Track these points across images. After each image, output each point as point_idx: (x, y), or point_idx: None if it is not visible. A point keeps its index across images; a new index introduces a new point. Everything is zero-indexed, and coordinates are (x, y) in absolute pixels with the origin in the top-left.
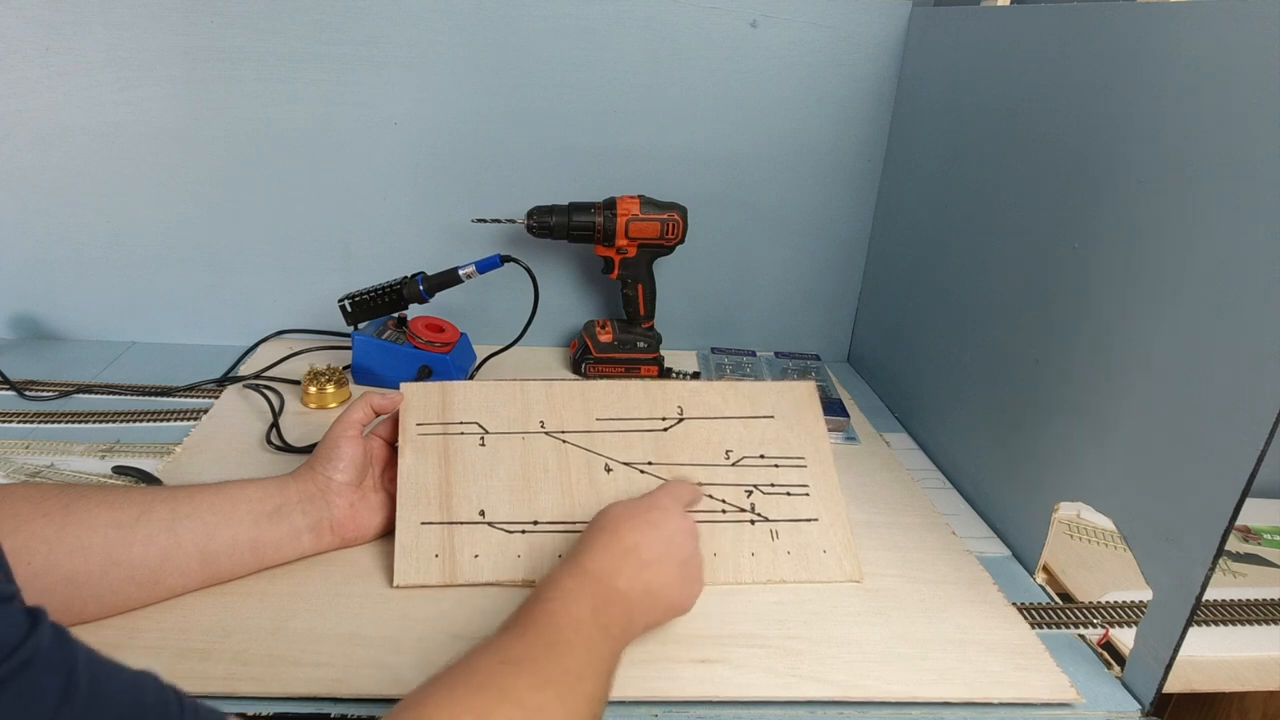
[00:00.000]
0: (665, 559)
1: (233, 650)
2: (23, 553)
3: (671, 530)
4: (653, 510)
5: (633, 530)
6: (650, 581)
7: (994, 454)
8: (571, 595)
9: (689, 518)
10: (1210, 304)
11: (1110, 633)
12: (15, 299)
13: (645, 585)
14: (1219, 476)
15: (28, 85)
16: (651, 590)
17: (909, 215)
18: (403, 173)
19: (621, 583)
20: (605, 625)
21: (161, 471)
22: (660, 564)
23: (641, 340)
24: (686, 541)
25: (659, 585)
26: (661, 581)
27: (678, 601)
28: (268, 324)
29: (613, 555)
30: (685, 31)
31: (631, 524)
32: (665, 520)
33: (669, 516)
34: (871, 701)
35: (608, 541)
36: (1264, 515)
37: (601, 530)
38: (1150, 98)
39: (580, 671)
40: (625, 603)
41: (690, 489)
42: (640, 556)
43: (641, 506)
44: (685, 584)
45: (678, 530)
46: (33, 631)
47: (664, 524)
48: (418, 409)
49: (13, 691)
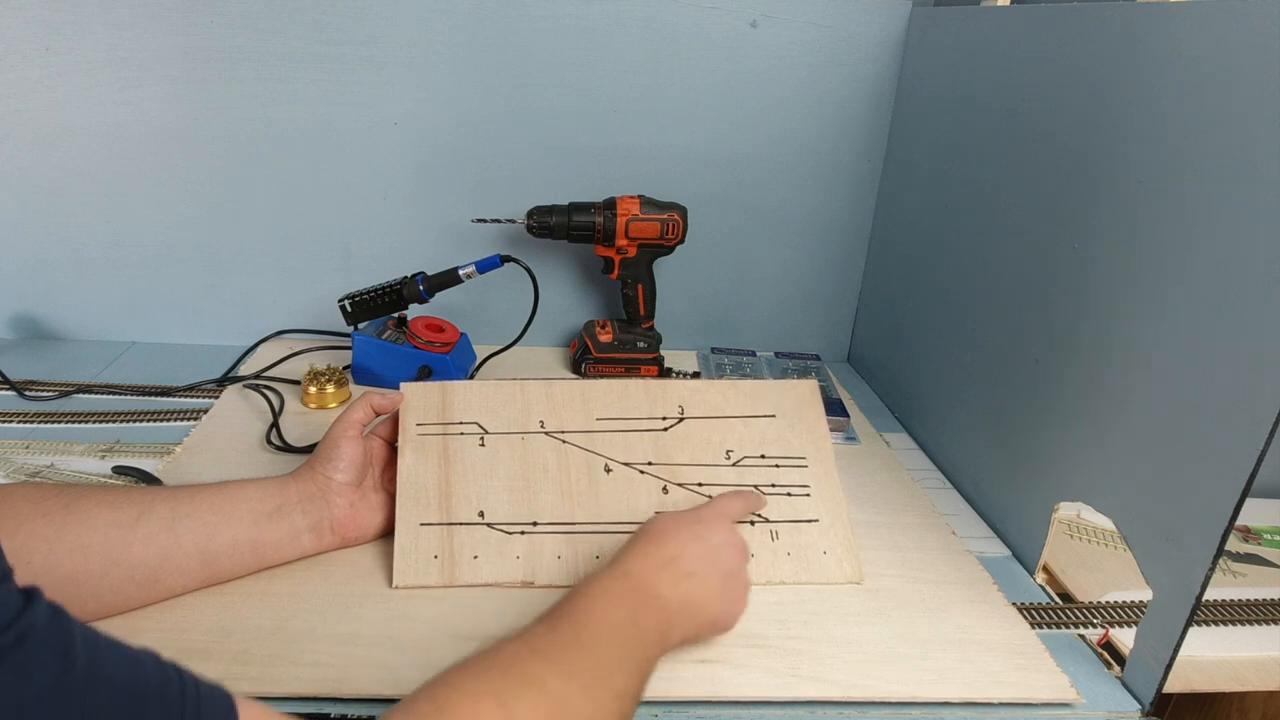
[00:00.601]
0: (708, 572)
1: (233, 650)
2: (23, 552)
3: (717, 544)
4: (699, 523)
5: (676, 540)
6: (691, 593)
7: (994, 454)
8: (609, 595)
9: (737, 533)
10: (1210, 304)
11: (1110, 633)
12: (15, 299)
13: (685, 595)
14: (1219, 476)
15: (28, 85)
16: (691, 601)
17: (909, 215)
18: (403, 173)
19: (661, 590)
20: (641, 629)
21: (161, 471)
22: (702, 576)
23: (641, 340)
24: (732, 556)
25: (700, 598)
26: (703, 595)
27: (719, 617)
28: (268, 324)
29: (654, 563)
30: (685, 31)
31: (676, 534)
32: (710, 534)
33: (715, 530)
34: (872, 701)
35: (651, 550)
36: (1264, 515)
37: (646, 538)
38: (1150, 98)
39: (610, 668)
40: (663, 610)
41: (742, 500)
42: (682, 567)
43: (689, 519)
44: (728, 599)
45: (724, 544)
46: (28, 607)
47: (709, 537)
48: (418, 409)
49: (9, 665)
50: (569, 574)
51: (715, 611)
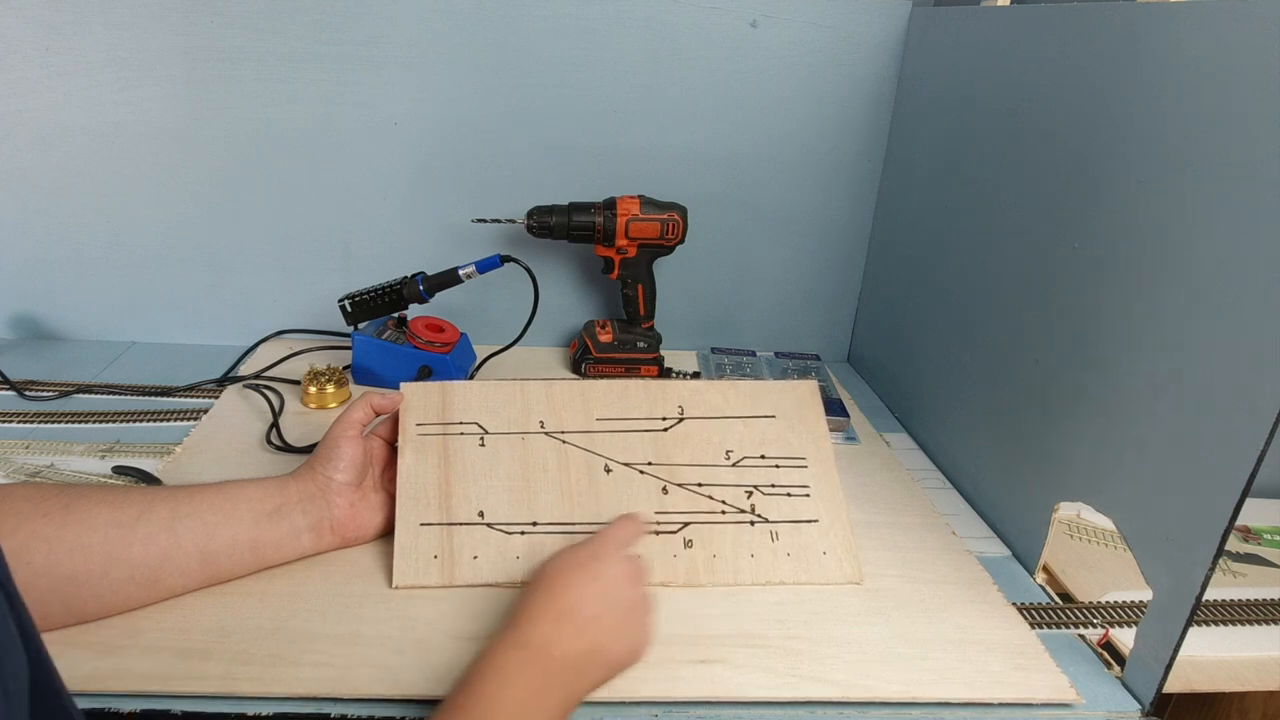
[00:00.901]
0: (608, 612)
1: (233, 650)
2: (23, 552)
3: (612, 578)
4: (594, 560)
5: (570, 586)
6: (593, 640)
7: (994, 454)
8: (509, 675)
9: (632, 560)
10: (1210, 304)
11: (1110, 633)
12: (15, 299)
13: (588, 645)
14: (1219, 476)
15: (28, 85)
16: (595, 649)
17: (909, 215)
18: (403, 173)
19: (563, 649)
20: (547, 703)
21: (161, 471)
22: (603, 618)
23: (641, 340)
24: (629, 588)
25: (603, 642)
26: (606, 638)
27: (625, 655)
28: (268, 324)
29: (551, 618)
30: (685, 31)
31: (568, 579)
32: (605, 569)
33: (609, 564)
34: (871, 702)
35: (546, 604)
36: (1264, 515)
37: (541, 590)
38: (1150, 98)
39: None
40: (566, 671)
41: (632, 526)
42: (582, 614)
43: (582, 557)
44: (631, 636)
45: (619, 577)
46: None
47: (603, 574)
48: (418, 409)
49: None
50: None
51: (621, 650)
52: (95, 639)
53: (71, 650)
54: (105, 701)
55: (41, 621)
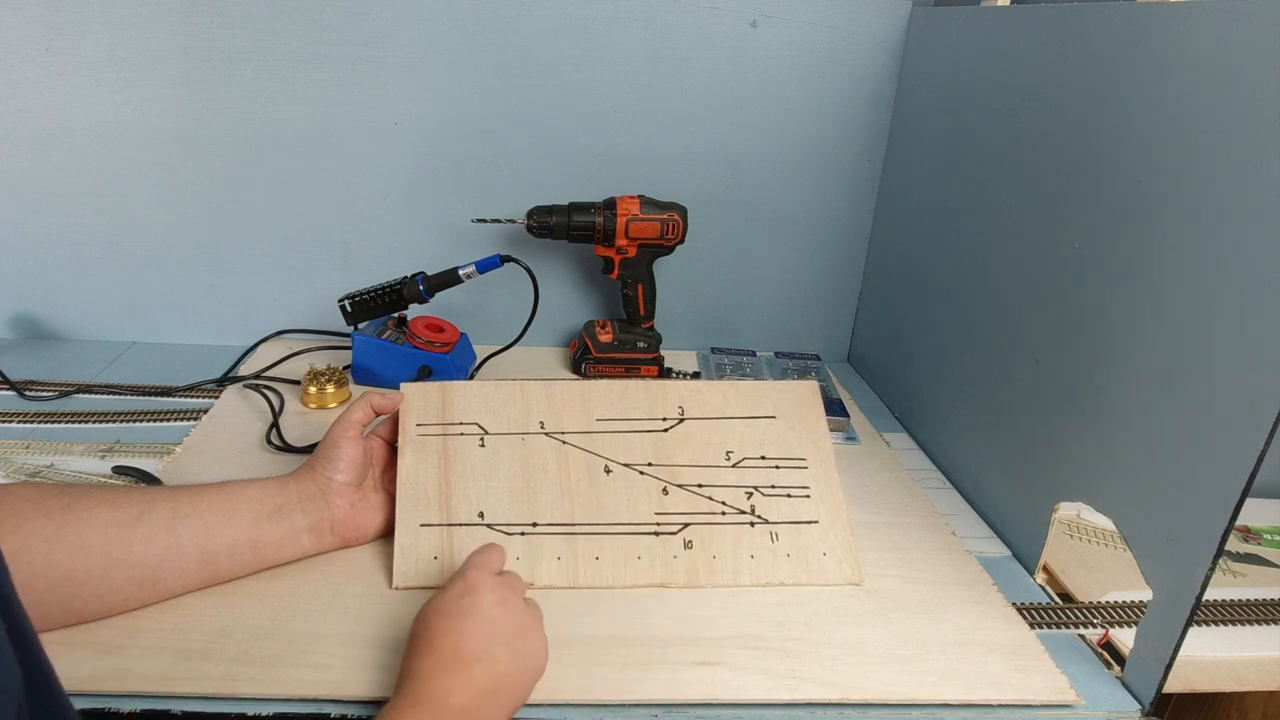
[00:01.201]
0: (494, 643)
1: (233, 651)
2: (23, 552)
3: (486, 608)
4: (467, 594)
5: (447, 630)
6: (485, 680)
7: (994, 454)
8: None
9: (504, 580)
10: (1210, 304)
11: (1110, 633)
12: (15, 299)
13: (481, 687)
14: (1219, 476)
15: (28, 85)
16: (490, 689)
17: (909, 215)
18: (403, 173)
19: (457, 698)
20: None
21: (161, 471)
22: (487, 656)
23: (641, 340)
24: (506, 613)
25: (494, 678)
26: (496, 672)
27: (522, 683)
28: (268, 324)
29: (436, 668)
30: (685, 31)
31: (444, 624)
32: (478, 601)
33: (480, 596)
34: (871, 703)
35: (430, 653)
36: (1264, 515)
37: (422, 641)
38: (1150, 98)
39: None
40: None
41: (492, 549)
42: (467, 654)
43: (454, 593)
44: (524, 655)
45: (496, 603)
46: None
47: (479, 605)
48: (418, 409)
49: None
50: (568, 575)
51: (517, 680)
52: (95, 639)
53: (71, 650)
54: (105, 702)
55: (41, 622)
